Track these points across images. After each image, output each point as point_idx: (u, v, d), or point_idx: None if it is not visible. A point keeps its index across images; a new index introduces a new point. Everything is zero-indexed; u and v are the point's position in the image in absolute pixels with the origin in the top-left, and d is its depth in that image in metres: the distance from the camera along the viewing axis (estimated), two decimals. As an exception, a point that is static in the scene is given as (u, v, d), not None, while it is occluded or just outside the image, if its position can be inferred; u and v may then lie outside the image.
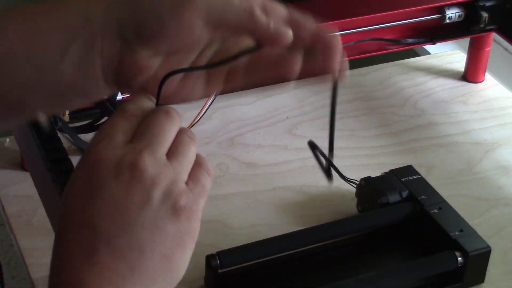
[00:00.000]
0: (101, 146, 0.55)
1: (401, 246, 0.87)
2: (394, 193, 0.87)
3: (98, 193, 0.54)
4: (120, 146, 0.55)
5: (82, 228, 0.54)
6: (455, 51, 1.23)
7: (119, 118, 0.57)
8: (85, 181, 0.55)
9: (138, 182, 0.54)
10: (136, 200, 0.54)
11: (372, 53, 1.05)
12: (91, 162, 0.55)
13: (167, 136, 0.57)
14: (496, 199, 0.93)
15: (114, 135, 0.56)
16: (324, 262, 0.86)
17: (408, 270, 0.82)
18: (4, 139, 1.01)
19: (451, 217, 0.85)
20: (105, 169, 0.55)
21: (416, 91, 1.13)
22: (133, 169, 0.54)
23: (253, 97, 1.10)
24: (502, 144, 1.04)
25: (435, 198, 0.87)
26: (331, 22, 1.01)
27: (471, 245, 0.82)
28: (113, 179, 0.54)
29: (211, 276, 0.81)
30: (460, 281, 0.83)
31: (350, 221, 0.88)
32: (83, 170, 0.56)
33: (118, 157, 0.55)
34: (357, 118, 1.07)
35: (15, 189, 0.94)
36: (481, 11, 1.07)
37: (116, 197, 0.54)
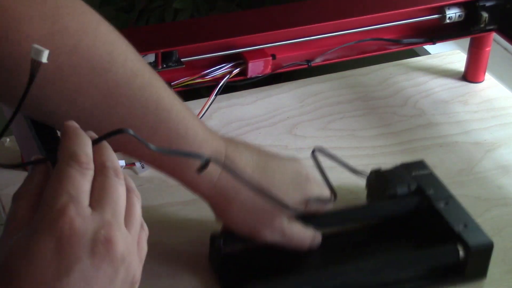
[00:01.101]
0: (71, 213, 0.54)
1: (406, 238, 0.88)
2: (403, 186, 0.88)
3: (71, 270, 0.53)
4: (89, 214, 0.55)
5: None
6: (455, 51, 1.23)
7: (77, 173, 0.56)
8: (55, 254, 0.54)
9: (109, 259, 0.55)
10: (103, 280, 0.55)
11: (372, 53, 1.05)
12: (64, 234, 0.54)
13: (123, 202, 0.58)
14: (496, 199, 0.93)
15: (78, 198, 0.55)
16: (328, 248, 0.86)
17: (409, 260, 0.84)
18: (4, 139, 1.01)
19: (457, 212, 0.86)
20: (80, 244, 0.54)
21: (416, 91, 1.13)
22: (107, 245, 0.55)
23: (253, 97, 1.10)
24: (502, 144, 1.04)
25: (443, 193, 0.88)
26: (332, 22, 1.01)
27: (474, 239, 0.83)
28: (88, 255, 0.54)
29: (215, 255, 0.83)
30: (461, 275, 0.84)
31: (357, 210, 0.89)
32: (51, 240, 0.54)
33: (92, 231, 0.55)
34: (357, 118, 1.07)
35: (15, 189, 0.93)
36: (481, 11, 1.07)
37: (88, 275, 0.54)
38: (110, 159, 0.58)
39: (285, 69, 1.01)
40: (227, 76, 0.97)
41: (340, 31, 1.02)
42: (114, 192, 0.57)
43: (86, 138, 0.58)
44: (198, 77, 0.97)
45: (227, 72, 0.97)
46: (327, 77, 1.16)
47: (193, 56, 0.94)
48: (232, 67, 0.98)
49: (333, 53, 1.03)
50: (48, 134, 0.77)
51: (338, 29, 1.02)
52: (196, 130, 0.76)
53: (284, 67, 1.00)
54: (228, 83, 0.97)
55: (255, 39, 0.98)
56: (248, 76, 0.98)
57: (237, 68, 0.98)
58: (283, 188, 0.80)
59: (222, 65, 0.97)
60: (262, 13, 1.05)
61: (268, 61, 0.98)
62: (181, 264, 0.85)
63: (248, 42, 0.97)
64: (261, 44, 0.98)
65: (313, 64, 1.01)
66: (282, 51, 1.01)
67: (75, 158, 0.56)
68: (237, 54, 0.97)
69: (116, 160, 0.59)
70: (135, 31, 0.76)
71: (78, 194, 0.55)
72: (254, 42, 0.98)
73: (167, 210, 0.91)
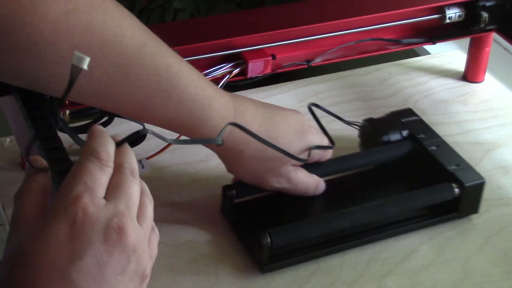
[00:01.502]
0: (86, 201, 0.57)
1: (402, 181, 0.94)
2: (395, 132, 0.95)
3: (84, 255, 0.55)
4: (103, 204, 0.58)
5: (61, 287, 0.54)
6: (455, 51, 1.23)
7: (96, 167, 0.59)
8: (69, 238, 0.56)
9: (122, 247, 0.57)
10: (115, 267, 0.56)
11: (372, 53, 1.05)
12: (78, 219, 0.56)
13: (136, 199, 0.60)
14: (496, 199, 0.93)
15: (94, 188, 0.58)
16: (331, 194, 0.92)
17: (408, 199, 0.89)
18: (4, 139, 1.01)
19: (448, 153, 0.93)
20: (93, 230, 0.56)
21: (416, 91, 1.13)
22: (119, 233, 0.57)
23: (253, 97, 1.10)
24: (502, 144, 1.04)
25: (433, 136, 0.95)
26: (332, 22, 1.01)
27: (467, 177, 0.89)
28: (101, 241, 0.56)
29: (227, 205, 0.89)
30: (456, 210, 0.90)
31: (354, 158, 0.94)
32: (65, 224, 0.56)
33: (106, 218, 0.57)
34: (357, 118, 1.07)
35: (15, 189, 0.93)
36: (481, 11, 1.07)
37: (100, 260, 0.56)
38: (128, 160, 0.62)
39: (285, 69, 1.01)
40: (227, 76, 0.97)
41: (340, 31, 1.02)
42: (128, 188, 0.60)
43: (109, 139, 0.62)
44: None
45: (227, 72, 0.97)
46: (327, 77, 1.16)
47: (193, 56, 0.94)
48: (232, 67, 0.98)
49: (333, 53, 1.03)
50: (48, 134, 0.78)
51: (338, 29, 1.02)
52: (205, 90, 0.80)
53: (284, 67, 1.00)
54: (228, 83, 0.97)
55: (255, 39, 0.98)
56: (248, 76, 0.98)
57: (237, 68, 0.98)
58: (288, 138, 0.86)
59: (222, 65, 0.97)
60: (262, 13, 1.05)
61: (268, 61, 0.98)
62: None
63: (248, 42, 0.97)
64: (261, 44, 0.98)
65: (313, 64, 1.01)
66: (282, 51, 1.01)
67: (95, 154, 0.60)
68: (237, 54, 0.97)
69: (134, 162, 0.62)
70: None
71: (94, 185, 0.58)
72: (254, 42, 0.98)
73: (167, 210, 0.91)
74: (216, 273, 0.84)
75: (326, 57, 1.03)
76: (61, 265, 0.55)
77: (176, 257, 0.86)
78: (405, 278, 0.85)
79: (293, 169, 0.88)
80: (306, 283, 0.84)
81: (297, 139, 0.86)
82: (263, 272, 0.84)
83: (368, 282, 0.84)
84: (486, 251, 0.89)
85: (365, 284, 0.84)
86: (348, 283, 0.84)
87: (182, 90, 0.78)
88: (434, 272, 0.86)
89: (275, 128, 0.85)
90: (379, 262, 0.87)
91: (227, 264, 0.85)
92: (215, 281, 0.84)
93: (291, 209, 0.90)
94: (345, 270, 0.86)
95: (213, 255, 0.86)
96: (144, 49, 0.75)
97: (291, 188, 0.89)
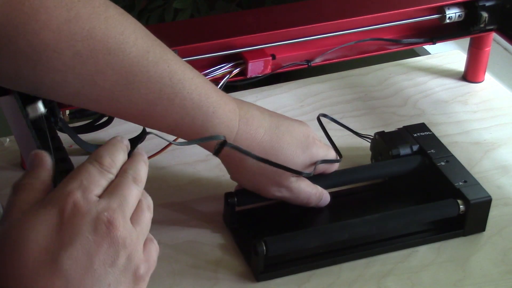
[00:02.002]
0: (78, 195, 0.58)
1: (409, 196, 0.93)
2: (405, 146, 0.94)
3: (73, 242, 0.56)
4: (96, 200, 0.59)
5: (52, 274, 0.56)
6: (455, 51, 1.23)
7: (95, 170, 0.61)
8: (59, 227, 0.57)
9: (111, 239, 0.57)
10: (104, 258, 0.57)
11: (372, 53, 1.05)
12: (67, 210, 0.57)
13: (133, 202, 0.61)
14: (496, 199, 0.93)
15: (89, 187, 0.59)
16: (336, 207, 0.92)
17: (410, 214, 0.88)
18: (4, 139, 1.01)
19: (456, 169, 0.92)
20: (83, 220, 0.57)
21: (416, 91, 1.13)
22: (108, 226, 0.57)
23: (253, 97, 1.10)
24: (502, 144, 1.04)
25: (444, 152, 0.94)
26: (332, 22, 1.01)
27: (473, 194, 0.88)
28: (90, 231, 0.57)
29: (229, 212, 0.88)
30: (461, 228, 0.89)
31: (363, 170, 0.94)
32: (55, 214, 0.57)
33: (96, 211, 0.58)
34: (357, 118, 1.07)
35: (15, 189, 0.94)
36: (481, 11, 1.07)
37: (89, 250, 0.56)
38: (134, 167, 0.63)
39: (285, 69, 1.01)
40: (227, 76, 0.97)
41: (340, 31, 1.02)
42: (126, 190, 0.61)
43: (119, 150, 0.63)
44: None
45: (227, 72, 0.97)
46: (327, 77, 1.16)
47: (193, 56, 0.94)
48: (232, 67, 0.98)
49: (333, 53, 1.03)
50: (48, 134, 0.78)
51: (338, 29, 1.02)
52: (209, 96, 0.80)
53: (284, 67, 1.00)
54: (228, 83, 0.97)
55: (255, 39, 0.98)
56: (248, 76, 0.98)
57: (237, 68, 0.98)
58: (292, 149, 0.85)
59: (222, 65, 0.97)
60: (262, 13, 1.05)
61: (268, 61, 0.98)
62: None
63: (248, 42, 0.97)
64: (261, 44, 0.98)
65: (313, 64, 1.01)
66: (282, 51, 1.01)
67: (99, 159, 0.61)
68: (237, 54, 0.97)
69: (141, 171, 0.63)
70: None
71: (90, 183, 0.59)
72: (254, 42, 0.98)
73: (167, 210, 0.91)
74: (216, 278, 0.84)
75: (326, 57, 1.03)
76: (51, 251, 0.56)
77: (175, 257, 0.86)
78: (405, 278, 0.85)
79: (295, 179, 0.87)
80: (306, 283, 0.84)
81: (300, 151, 0.85)
82: (258, 281, 0.83)
83: (368, 282, 0.84)
84: (486, 251, 0.89)
85: (365, 284, 0.84)
86: (348, 283, 0.84)
87: (185, 97, 0.78)
88: (434, 272, 0.86)
89: (280, 138, 0.85)
90: (379, 262, 0.87)
91: (226, 269, 0.85)
92: (214, 281, 0.84)
93: (294, 219, 0.90)
94: (344, 270, 0.85)
95: (213, 257, 0.86)
96: (147, 56, 0.75)
97: (292, 197, 0.88)
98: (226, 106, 0.81)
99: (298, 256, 0.85)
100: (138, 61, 0.74)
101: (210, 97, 0.80)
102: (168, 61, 0.77)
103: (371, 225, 0.86)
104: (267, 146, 0.83)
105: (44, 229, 0.56)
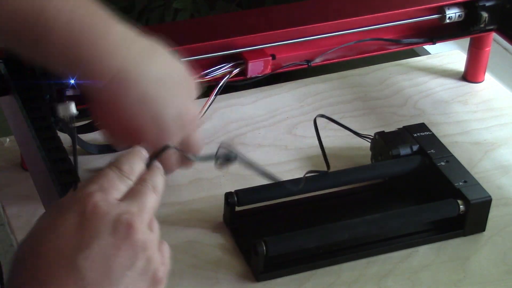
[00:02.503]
0: (97, 198, 0.58)
1: (410, 196, 0.93)
2: (405, 146, 0.94)
3: (91, 244, 0.56)
4: (115, 203, 0.59)
5: (69, 276, 0.55)
6: (455, 51, 1.23)
7: (115, 175, 0.61)
8: (78, 228, 0.57)
9: (130, 242, 0.57)
10: (123, 261, 0.57)
11: (372, 53, 1.05)
12: (88, 211, 0.57)
13: (152, 210, 0.61)
14: (496, 199, 0.93)
15: (109, 190, 0.59)
16: (337, 206, 0.92)
17: (410, 214, 0.88)
18: (4, 139, 1.01)
19: (456, 169, 0.92)
20: (102, 221, 0.57)
21: (416, 91, 1.13)
22: (128, 229, 0.57)
23: (253, 97, 1.10)
24: (502, 144, 1.04)
25: (444, 152, 0.94)
26: (332, 22, 1.01)
27: (473, 194, 0.88)
28: (109, 233, 0.57)
29: (229, 212, 0.88)
30: (461, 228, 0.89)
31: (363, 170, 0.94)
32: (74, 216, 0.57)
33: (116, 213, 0.57)
34: (357, 118, 1.07)
35: (15, 189, 0.94)
36: (481, 11, 1.07)
37: (107, 253, 0.56)
38: (154, 178, 0.63)
39: (285, 69, 1.01)
40: (227, 76, 0.97)
41: (340, 31, 1.02)
42: (146, 197, 0.61)
43: (138, 159, 0.64)
44: (198, 77, 0.97)
45: (227, 72, 0.97)
46: (327, 77, 1.16)
47: (193, 56, 0.94)
48: (232, 67, 0.98)
49: (333, 53, 1.03)
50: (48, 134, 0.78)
51: (338, 29, 1.02)
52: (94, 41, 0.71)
53: (284, 67, 1.00)
54: (228, 83, 0.97)
55: (255, 39, 0.98)
56: (248, 76, 0.98)
57: (237, 68, 0.98)
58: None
59: (222, 65, 0.97)
60: (262, 13, 1.05)
61: (268, 61, 0.98)
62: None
63: (248, 42, 0.97)
64: (261, 44, 0.98)
65: (313, 64, 1.01)
66: (282, 51, 1.01)
67: (118, 165, 0.62)
68: (237, 54, 0.97)
69: (160, 181, 0.64)
70: (135, 31, 0.76)
71: (110, 187, 0.59)
72: (254, 42, 0.98)
73: (167, 210, 0.91)
74: (216, 278, 0.84)
75: (326, 57, 1.03)
76: (69, 253, 0.55)
77: (175, 258, 0.85)
78: (405, 278, 0.85)
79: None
80: (306, 283, 0.84)
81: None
82: (258, 281, 0.83)
83: (368, 282, 0.84)
84: (486, 251, 0.89)
85: (365, 284, 0.84)
86: (348, 283, 0.84)
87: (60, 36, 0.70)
88: (434, 272, 0.86)
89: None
90: (379, 262, 0.87)
91: (226, 269, 0.85)
92: (215, 281, 0.84)
93: (294, 219, 0.90)
94: (345, 270, 0.85)
95: (213, 257, 0.86)
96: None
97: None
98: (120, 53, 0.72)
99: (298, 256, 0.85)
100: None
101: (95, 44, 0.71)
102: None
103: (371, 225, 0.86)
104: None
105: (63, 232, 0.56)
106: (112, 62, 0.70)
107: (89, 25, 0.70)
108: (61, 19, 0.69)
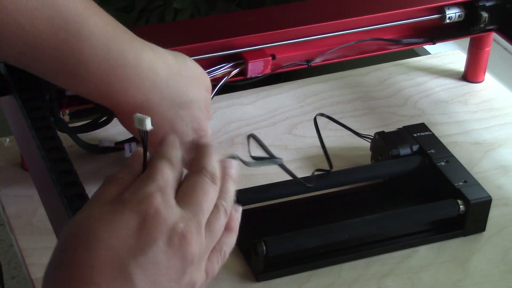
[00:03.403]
0: (158, 200, 0.56)
1: (410, 196, 0.93)
2: (405, 146, 0.94)
3: (147, 251, 0.54)
4: (174, 206, 0.57)
5: (117, 279, 0.53)
6: (455, 51, 1.23)
7: (169, 169, 0.59)
8: (136, 231, 0.55)
9: (181, 255, 0.56)
10: (172, 273, 0.55)
11: (372, 53, 1.05)
12: (149, 215, 0.55)
13: (210, 206, 0.59)
14: (496, 199, 0.93)
15: (165, 189, 0.57)
16: (337, 206, 0.93)
17: (410, 214, 0.88)
18: (4, 139, 1.01)
19: (456, 169, 0.92)
20: (160, 229, 0.55)
21: (416, 91, 1.13)
22: (182, 240, 0.56)
23: (253, 97, 1.10)
24: (502, 144, 1.04)
25: (444, 152, 0.94)
26: (332, 22, 1.01)
27: (473, 194, 0.88)
28: (164, 242, 0.55)
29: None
30: (461, 228, 0.89)
31: (362, 169, 0.94)
32: (136, 218, 0.55)
33: (172, 221, 0.56)
34: (357, 118, 1.07)
35: (15, 189, 0.94)
36: (481, 11, 1.07)
37: (159, 261, 0.55)
38: (212, 164, 0.61)
39: (285, 69, 1.01)
40: (227, 76, 0.97)
41: (340, 31, 1.02)
42: (201, 191, 0.59)
43: (178, 148, 0.61)
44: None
45: (226, 72, 0.97)
46: (327, 77, 1.16)
47: (193, 56, 0.94)
48: (232, 67, 0.98)
49: (333, 53, 1.03)
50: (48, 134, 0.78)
51: (338, 29, 1.02)
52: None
53: (284, 67, 1.00)
54: (227, 83, 0.97)
55: (255, 39, 0.98)
56: (248, 76, 0.98)
57: (237, 68, 0.98)
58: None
59: (221, 65, 0.97)
60: (262, 13, 1.05)
61: (267, 61, 0.98)
62: None
63: (248, 42, 0.97)
64: (261, 44, 0.98)
65: (313, 64, 1.01)
66: (282, 51, 1.01)
67: (167, 156, 0.59)
68: (237, 54, 0.97)
69: (217, 168, 0.61)
70: (135, 31, 0.76)
71: (166, 185, 0.57)
72: (254, 42, 0.98)
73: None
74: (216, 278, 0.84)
75: (326, 57, 1.03)
76: (123, 256, 0.54)
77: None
78: (405, 278, 0.85)
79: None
80: (306, 283, 0.84)
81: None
82: (258, 281, 0.83)
83: (368, 282, 0.84)
84: (486, 251, 0.89)
85: (365, 284, 0.84)
86: (348, 283, 0.84)
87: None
88: (434, 272, 0.86)
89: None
90: (379, 262, 0.87)
91: (226, 269, 0.84)
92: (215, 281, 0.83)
93: (294, 219, 0.90)
94: (345, 270, 0.86)
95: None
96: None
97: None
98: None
99: (298, 256, 0.85)
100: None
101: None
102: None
103: (371, 225, 0.86)
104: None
105: (122, 232, 0.54)
106: (139, 95, 0.75)
107: (121, 57, 0.74)
108: (98, 54, 0.72)
